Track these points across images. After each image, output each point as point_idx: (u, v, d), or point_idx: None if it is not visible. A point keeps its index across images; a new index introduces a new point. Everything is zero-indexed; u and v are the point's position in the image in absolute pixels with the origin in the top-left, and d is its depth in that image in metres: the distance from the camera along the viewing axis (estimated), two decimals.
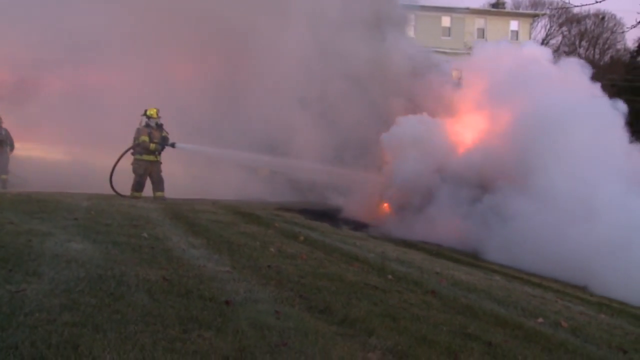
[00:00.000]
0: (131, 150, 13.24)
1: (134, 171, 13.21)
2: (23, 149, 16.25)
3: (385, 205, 15.49)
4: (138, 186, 13.20)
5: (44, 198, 10.02)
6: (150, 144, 13.09)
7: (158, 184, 13.26)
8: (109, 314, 3.89)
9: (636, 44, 46.35)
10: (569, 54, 44.91)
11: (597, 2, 5.28)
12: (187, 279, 5.13)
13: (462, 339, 4.56)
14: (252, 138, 16.43)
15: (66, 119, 16.18)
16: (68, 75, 16.97)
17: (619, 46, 52.21)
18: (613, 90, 14.16)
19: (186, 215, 9.83)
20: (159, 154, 13.36)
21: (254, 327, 4.05)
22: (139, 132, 13.21)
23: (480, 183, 13.84)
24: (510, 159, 13.39)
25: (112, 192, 13.09)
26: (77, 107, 16.35)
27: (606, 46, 52.28)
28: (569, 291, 8.99)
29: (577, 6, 5.72)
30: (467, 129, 15.55)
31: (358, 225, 13.47)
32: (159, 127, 13.36)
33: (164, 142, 13.33)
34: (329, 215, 13.78)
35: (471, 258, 11.43)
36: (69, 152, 16.48)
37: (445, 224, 13.45)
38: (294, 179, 17.91)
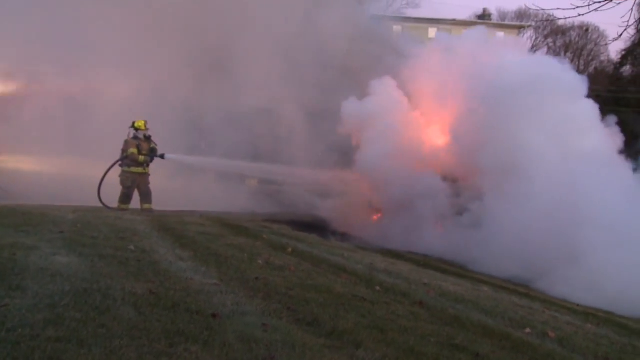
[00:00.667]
0: (119, 162, 13.18)
1: (122, 183, 13.11)
2: (9, 161, 16.12)
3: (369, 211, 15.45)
4: (125, 198, 13.11)
5: (29, 211, 9.92)
6: (139, 156, 13.00)
7: (146, 196, 13.17)
8: (94, 329, 3.85)
9: (619, 56, 47.10)
10: None
11: (580, 15, 5.36)
12: (174, 292, 5.09)
13: (449, 350, 4.56)
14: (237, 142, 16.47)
15: (52, 130, 16.08)
16: (53, 87, 16.88)
17: (602, 58, 52.92)
18: (597, 100, 14.10)
19: (174, 227, 9.77)
20: (148, 165, 13.27)
21: (241, 340, 4.02)
22: (127, 144, 13.10)
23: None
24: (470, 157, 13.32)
25: (98, 205, 13.01)
26: (63, 119, 16.26)
27: (590, 57, 52.99)
28: (555, 301, 9.03)
29: (562, 18, 5.80)
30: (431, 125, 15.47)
31: (344, 236, 13.48)
32: (148, 138, 13.27)
33: (153, 154, 13.25)
34: (317, 227, 13.77)
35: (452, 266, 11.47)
36: (54, 164, 16.35)
37: (421, 229, 13.38)
38: (278, 192, 17.88)
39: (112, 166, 13.20)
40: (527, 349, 4.97)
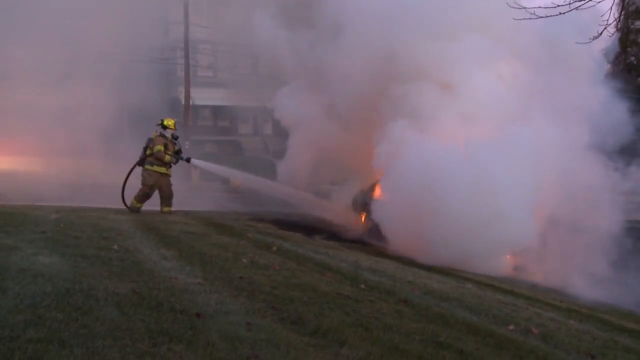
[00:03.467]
0: (140, 161, 12.53)
1: (144, 182, 12.37)
2: None
3: None
4: (144, 197, 12.42)
5: (10, 211, 9.83)
6: (165, 155, 12.30)
7: (167, 199, 12.55)
8: (75, 329, 3.82)
9: (600, 55, 47.57)
10: None
11: (561, 13, 5.40)
12: (157, 291, 5.06)
13: (433, 347, 4.58)
14: None
15: (34, 130, 15.92)
16: (33, 86, 16.69)
17: None
18: None
19: (158, 226, 9.72)
20: (171, 166, 12.63)
21: (224, 339, 4.01)
22: (153, 142, 12.36)
23: None
24: None
25: (81, 205, 12.86)
26: (44, 118, 16.08)
27: None
28: (539, 297, 9.09)
29: (543, 17, 5.84)
30: None
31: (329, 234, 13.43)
32: (175, 139, 12.69)
33: (178, 156, 12.69)
34: (302, 225, 13.73)
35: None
36: (37, 163, 16.19)
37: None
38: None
39: (135, 165, 12.56)
40: (511, 346, 5.01)
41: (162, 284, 5.36)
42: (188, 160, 13.22)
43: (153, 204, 12.54)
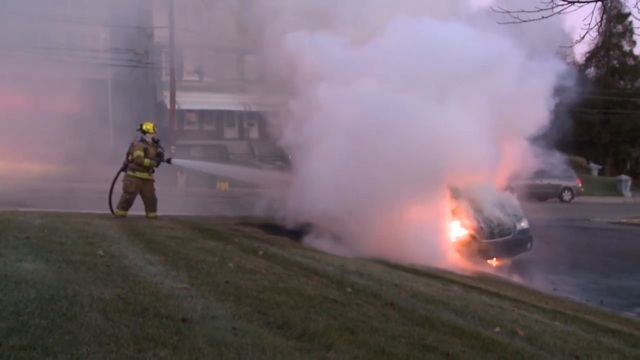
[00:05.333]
0: (124, 167, 12.44)
1: (125, 188, 12.26)
2: None
3: None
4: (126, 204, 12.32)
5: None
6: (144, 160, 12.19)
7: (151, 204, 12.47)
8: (60, 336, 3.78)
9: (584, 58, 48.25)
10: None
11: (543, 17, 5.45)
12: (143, 297, 5.03)
13: (420, 350, 4.59)
14: None
15: (17, 134, 15.79)
16: (20, 87, 16.57)
17: (567, 60, 53.84)
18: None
19: (144, 231, 9.66)
20: (153, 171, 12.56)
21: (210, 344, 4.00)
22: (133, 147, 12.27)
23: None
24: None
25: (66, 210, 12.77)
26: (29, 123, 15.96)
27: None
28: (525, 299, 9.15)
29: (526, 20, 5.88)
30: None
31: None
32: (156, 142, 12.58)
33: (159, 158, 12.61)
34: (288, 230, 13.70)
35: None
36: (20, 168, 16.04)
37: None
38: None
39: (120, 172, 12.48)
40: (497, 348, 5.04)
41: (148, 289, 5.33)
42: (168, 161, 13.21)
43: (138, 209, 12.45)
